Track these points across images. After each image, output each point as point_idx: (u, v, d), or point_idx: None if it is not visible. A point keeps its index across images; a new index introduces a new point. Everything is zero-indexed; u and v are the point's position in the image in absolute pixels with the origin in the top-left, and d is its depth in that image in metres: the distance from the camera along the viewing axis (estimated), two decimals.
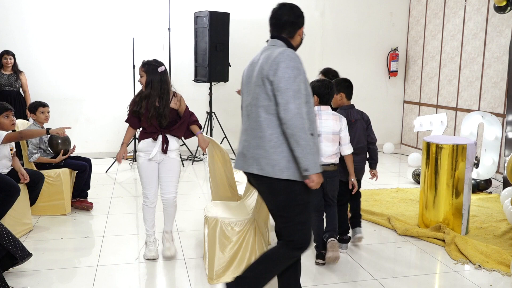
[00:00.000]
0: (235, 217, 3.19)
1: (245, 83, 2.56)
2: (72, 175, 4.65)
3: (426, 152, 4.12)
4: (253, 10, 7.29)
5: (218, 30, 6.38)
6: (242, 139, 2.49)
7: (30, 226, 4.08)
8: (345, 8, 7.62)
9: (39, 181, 4.13)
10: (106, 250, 3.66)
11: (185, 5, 6.94)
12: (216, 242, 3.09)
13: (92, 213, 4.58)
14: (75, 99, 6.81)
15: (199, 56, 6.68)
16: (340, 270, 3.39)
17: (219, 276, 3.11)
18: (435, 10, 7.22)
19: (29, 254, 3.13)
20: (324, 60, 7.62)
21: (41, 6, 6.51)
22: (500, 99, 5.99)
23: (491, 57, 6.12)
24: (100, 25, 6.73)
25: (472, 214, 4.51)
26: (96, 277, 3.22)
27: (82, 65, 6.76)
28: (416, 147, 7.70)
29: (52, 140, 4.48)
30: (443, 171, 4.01)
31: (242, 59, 7.12)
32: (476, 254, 3.59)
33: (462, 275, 3.36)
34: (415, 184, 5.83)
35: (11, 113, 3.94)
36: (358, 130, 3.63)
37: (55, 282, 3.16)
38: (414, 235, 4.02)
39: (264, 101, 2.36)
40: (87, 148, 6.72)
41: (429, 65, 7.41)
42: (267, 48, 2.62)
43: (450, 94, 6.92)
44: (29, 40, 6.53)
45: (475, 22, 6.37)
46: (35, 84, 6.47)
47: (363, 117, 3.70)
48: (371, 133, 3.72)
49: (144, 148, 3.38)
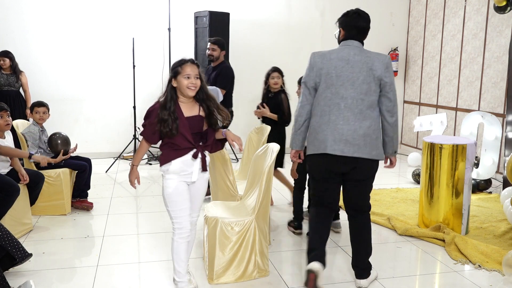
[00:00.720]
0: (235, 217, 3.19)
1: (339, 77, 2.87)
2: (72, 175, 4.65)
3: (426, 152, 4.12)
4: (253, 10, 7.30)
5: (218, 30, 6.38)
6: (341, 128, 2.83)
7: (30, 226, 4.08)
8: (345, 8, 7.47)
9: (39, 181, 4.13)
10: (106, 250, 3.66)
11: (185, 5, 6.94)
12: (216, 242, 3.09)
13: (92, 213, 4.58)
14: (75, 99, 6.81)
15: (199, 56, 6.67)
16: (340, 269, 3.40)
17: (219, 276, 3.11)
18: (435, 10, 7.22)
19: (29, 255, 3.14)
20: None
21: (41, 6, 6.51)
22: (500, 99, 5.99)
23: (491, 57, 6.12)
24: (100, 25, 6.73)
25: (472, 214, 4.51)
26: (96, 277, 3.22)
27: (82, 65, 6.76)
28: (416, 147, 7.70)
29: (51, 140, 4.48)
30: (443, 171, 4.01)
31: (242, 59, 7.13)
32: (476, 254, 3.59)
33: (462, 275, 3.36)
34: (415, 184, 5.83)
35: (6, 114, 3.90)
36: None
37: (55, 282, 3.16)
38: (414, 235, 4.02)
39: (372, 97, 2.85)
40: (87, 148, 6.72)
41: (429, 65, 7.41)
42: (356, 47, 2.97)
43: (450, 94, 6.92)
44: (29, 40, 6.53)
45: (475, 22, 6.37)
46: (35, 84, 6.47)
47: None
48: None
49: (179, 169, 2.73)
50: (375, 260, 3.55)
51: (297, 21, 7.52)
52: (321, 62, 2.92)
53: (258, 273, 3.20)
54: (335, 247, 3.83)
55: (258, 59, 7.29)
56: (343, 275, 3.31)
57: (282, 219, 4.44)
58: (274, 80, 4.55)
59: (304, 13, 7.55)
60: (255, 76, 7.14)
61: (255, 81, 7.00)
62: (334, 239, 3.98)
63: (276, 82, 4.55)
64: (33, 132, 4.44)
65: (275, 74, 4.56)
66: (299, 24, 7.55)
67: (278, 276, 3.26)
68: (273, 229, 4.15)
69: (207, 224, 3.19)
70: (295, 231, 4.08)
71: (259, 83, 7.31)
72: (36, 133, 4.45)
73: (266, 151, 3.35)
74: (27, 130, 4.46)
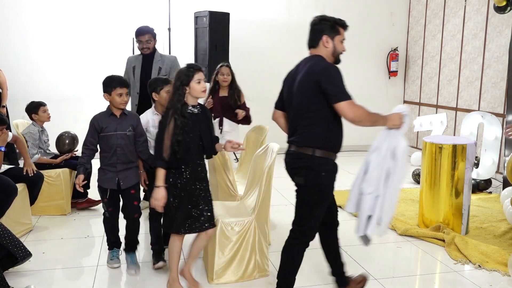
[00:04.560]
0: (235, 217, 3.19)
1: None
2: (72, 175, 4.65)
3: (426, 152, 4.12)
4: (253, 10, 7.29)
5: (218, 30, 6.38)
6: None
7: (30, 226, 4.08)
8: (345, 8, 7.61)
9: (39, 181, 4.13)
10: (106, 250, 3.65)
11: (185, 5, 6.93)
12: (216, 242, 3.09)
13: (92, 213, 4.58)
14: (75, 99, 6.80)
15: (199, 56, 6.67)
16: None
17: (219, 276, 3.11)
18: (435, 10, 7.22)
19: (29, 254, 3.14)
20: None
21: (40, 6, 6.51)
22: (500, 99, 5.99)
23: (491, 57, 6.12)
24: (100, 25, 6.73)
25: (472, 214, 4.51)
26: (96, 277, 3.22)
27: (82, 65, 6.76)
28: (416, 147, 7.70)
29: (59, 141, 4.64)
30: (443, 171, 4.00)
31: (242, 59, 7.12)
32: (476, 254, 3.59)
33: (462, 275, 3.36)
34: (415, 184, 5.83)
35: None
36: None
37: (55, 282, 3.16)
38: (414, 235, 4.02)
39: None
40: None
41: (429, 65, 7.41)
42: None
43: (450, 94, 6.92)
44: (29, 40, 6.53)
45: (475, 22, 6.37)
46: (35, 84, 6.47)
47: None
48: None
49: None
50: (375, 260, 3.55)
51: (297, 21, 7.51)
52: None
53: (258, 273, 3.20)
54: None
55: (258, 59, 7.29)
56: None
57: (282, 219, 4.44)
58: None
59: (304, 13, 7.54)
60: (255, 76, 7.16)
61: (255, 81, 7.01)
62: None
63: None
64: (33, 133, 4.44)
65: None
66: (299, 24, 7.51)
67: None
68: (273, 229, 4.14)
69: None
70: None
71: (259, 83, 7.31)
72: (36, 133, 4.45)
73: (266, 151, 3.35)
74: (27, 131, 4.46)
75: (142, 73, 4.40)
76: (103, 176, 3.23)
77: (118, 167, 3.20)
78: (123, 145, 3.18)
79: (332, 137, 2.60)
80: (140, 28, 4.37)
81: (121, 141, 3.17)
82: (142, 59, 4.43)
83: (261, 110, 7.52)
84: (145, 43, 4.33)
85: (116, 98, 3.14)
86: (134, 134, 3.21)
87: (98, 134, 3.18)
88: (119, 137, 3.17)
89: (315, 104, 2.53)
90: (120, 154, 3.18)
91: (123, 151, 3.18)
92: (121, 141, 3.17)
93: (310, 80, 2.54)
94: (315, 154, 2.55)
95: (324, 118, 2.55)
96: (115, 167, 3.20)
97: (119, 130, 3.18)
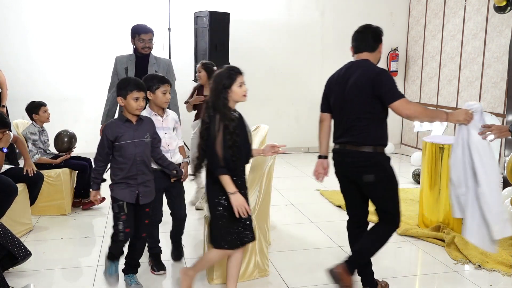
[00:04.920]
0: None
1: None
2: (73, 175, 4.66)
3: (426, 152, 4.12)
4: (253, 10, 7.29)
5: (218, 30, 6.38)
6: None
7: (30, 226, 4.08)
8: (345, 8, 7.61)
9: (39, 181, 4.13)
10: (106, 250, 3.65)
11: (185, 5, 6.93)
12: None
13: (92, 213, 4.58)
14: (75, 99, 6.81)
15: (199, 56, 6.67)
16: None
17: (219, 276, 3.11)
18: (435, 10, 7.21)
19: (29, 254, 3.14)
20: (324, 60, 7.62)
21: (40, 6, 6.51)
22: (500, 99, 5.98)
23: (491, 57, 6.12)
24: (100, 25, 6.73)
25: None
26: (96, 277, 3.22)
27: (82, 65, 6.76)
28: (416, 147, 7.70)
29: (58, 139, 4.61)
30: (443, 171, 4.00)
31: (242, 59, 7.12)
32: (476, 254, 3.59)
33: (462, 275, 3.36)
34: (415, 184, 5.83)
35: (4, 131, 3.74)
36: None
37: (55, 282, 3.16)
38: (414, 235, 4.02)
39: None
40: (87, 148, 6.68)
41: (429, 65, 7.41)
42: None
43: (450, 94, 6.92)
44: (29, 40, 6.53)
45: (475, 22, 6.37)
46: (35, 84, 6.47)
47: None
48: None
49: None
50: (376, 260, 3.55)
51: (297, 21, 7.52)
52: None
53: (258, 273, 3.20)
54: (335, 247, 3.83)
55: (258, 59, 7.29)
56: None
57: (282, 219, 4.44)
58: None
59: (304, 13, 7.55)
60: (255, 76, 7.16)
61: (255, 81, 7.01)
62: (334, 239, 3.98)
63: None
64: (33, 133, 4.44)
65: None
66: (299, 24, 7.55)
67: (278, 276, 3.26)
68: (273, 229, 4.14)
69: (207, 224, 3.19)
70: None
71: (259, 83, 7.30)
72: (36, 133, 4.46)
73: None
74: (27, 131, 4.46)
75: (137, 75, 3.96)
76: (120, 189, 2.86)
77: (139, 179, 2.87)
78: (143, 154, 2.87)
79: (385, 135, 2.84)
80: (143, 26, 4.07)
81: (140, 150, 2.86)
82: (136, 60, 4.10)
83: (261, 110, 7.53)
84: (148, 42, 4.04)
85: (131, 103, 2.80)
86: (151, 141, 2.94)
87: (112, 145, 2.83)
88: (138, 145, 2.85)
89: (371, 105, 2.74)
90: (140, 164, 2.86)
91: (143, 160, 2.87)
92: (140, 150, 2.85)
93: (367, 83, 2.72)
94: (377, 151, 2.78)
95: (379, 118, 2.79)
96: (135, 179, 2.86)
97: (137, 138, 2.85)
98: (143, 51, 4.05)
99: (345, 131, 2.81)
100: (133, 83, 2.84)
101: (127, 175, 2.84)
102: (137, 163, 2.84)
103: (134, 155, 2.83)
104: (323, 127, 3.00)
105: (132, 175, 2.84)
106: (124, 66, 4.10)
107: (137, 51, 4.07)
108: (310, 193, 5.29)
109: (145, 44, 4.03)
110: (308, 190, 5.38)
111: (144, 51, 4.06)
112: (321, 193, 5.24)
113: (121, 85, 2.85)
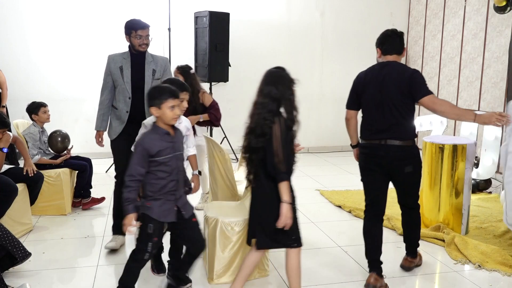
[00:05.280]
0: (235, 217, 3.19)
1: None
2: (73, 175, 4.66)
3: (426, 152, 4.12)
4: (253, 10, 7.30)
5: (218, 30, 6.38)
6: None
7: (30, 226, 4.08)
8: (345, 8, 7.61)
9: (39, 181, 4.13)
10: (106, 250, 3.66)
11: (185, 5, 6.94)
12: (216, 242, 3.09)
13: (92, 213, 4.58)
14: (75, 99, 6.81)
15: (199, 56, 6.68)
16: (339, 269, 3.39)
17: (219, 276, 3.11)
18: (435, 10, 7.22)
19: (29, 254, 3.13)
20: (324, 60, 7.62)
21: (40, 7, 6.51)
22: (500, 99, 5.99)
23: (491, 57, 6.12)
24: (100, 25, 6.73)
25: (472, 214, 4.51)
26: (96, 277, 3.22)
27: (82, 65, 6.76)
28: None
29: (51, 139, 4.54)
30: (443, 171, 4.01)
31: (242, 59, 7.13)
32: (476, 254, 3.59)
33: (462, 275, 3.36)
34: None
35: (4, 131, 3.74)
36: None
37: (55, 282, 3.16)
38: None
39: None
40: (87, 148, 6.69)
41: (429, 65, 7.41)
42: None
43: (450, 94, 6.92)
44: (29, 41, 6.53)
45: (475, 22, 6.37)
46: (35, 84, 6.47)
47: None
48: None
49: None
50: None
51: (297, 21, 7.52)
52: None
53: (258, 273, 3.21)
54: (335, 247, 3.83)
55: (258, 59, 7.28)
56: (342, 275, 3.31)
57: None
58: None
59: (304, 13, 7.55)
60: (255, 76, 7.14)
61: (255, 81, 7.00)
62: (333, 239, 3.98)
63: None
64: (33, 133, 4.44)
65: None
66: (299, 24, 7.55)
67: (278, 276, 3.26)
68: None
69: (207, 224, 3.19)
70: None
71: (259, 83, 7.26)
72: (36, 134, 4.46)
73: None
74: (27, 131, 4.46)
75: (134, 75, 3.71)
76: (159, 208, 2.61)
77: (177, 194, 2.67)
78: (182, 167, 2.70)
79: (415, 129, 3.17)
80: (139, 21, 3.71)
81: (180, 163, 2.68)
82: (131, 58, 3.75)
83: None
84: (145, 38, 3.68)
85: (167, 113, 2.55)
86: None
87: (148, 160, 2.58)
88: (179, 158, 2.66)
89: (408, 102, 3.03)
90: (180, 178, 2.68)
91: (182, 173, 2.71)
92: (180, 163, 2.67)
93: (404, 82, 2.99)
94: (414, 145, 3.10)
95: (412, 113, 3.10)
96: (174, 195, 2.65)
97: (177, 151, 2.65)
98: (140, 48, 3.69)
99: (388, 128, 3.01)
100: (167, 90, 2.59)
101: (166, 190, 2.62)
102: (178, 177, 2.66)
103: (176, 168, 2.64)
104: (353, 124, 3.27)
105: (171, 190, 2.64)
106: (118, 65, 3.75)
107: (133, 49, 3.72)
108: (310, 193, 5.29)
109: (142, 41, 3.68)
110: (308, 190, 5.38)
111: (141, 48, 3.71)
112: (321, 193, 5.24)
113: (155, 94, 2.59)
